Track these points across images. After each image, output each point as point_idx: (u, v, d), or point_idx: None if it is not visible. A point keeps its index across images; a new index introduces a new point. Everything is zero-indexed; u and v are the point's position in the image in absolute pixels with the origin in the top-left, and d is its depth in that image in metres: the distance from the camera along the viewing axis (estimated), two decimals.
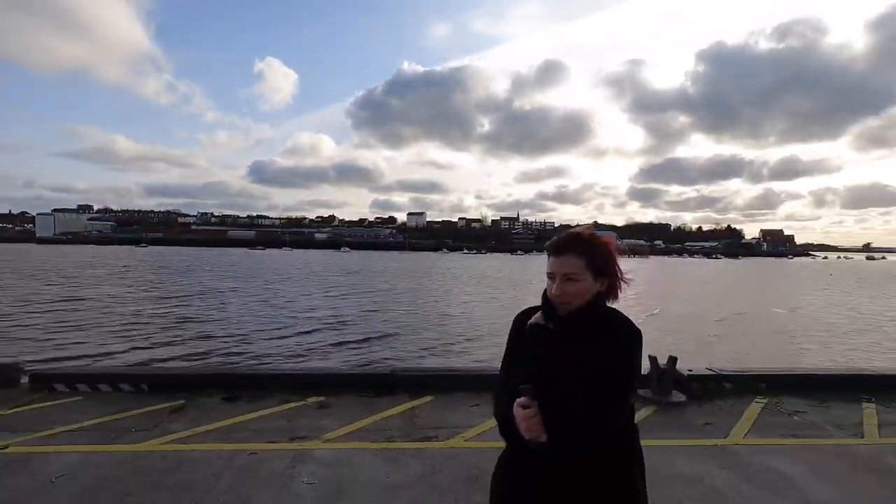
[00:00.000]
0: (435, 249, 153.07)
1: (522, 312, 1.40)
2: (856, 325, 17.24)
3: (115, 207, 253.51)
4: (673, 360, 4.97)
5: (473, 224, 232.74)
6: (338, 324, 14.96)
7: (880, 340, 14.15)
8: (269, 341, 12.03)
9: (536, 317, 1.33)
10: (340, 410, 4.47)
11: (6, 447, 3.56)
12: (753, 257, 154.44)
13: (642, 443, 1.34)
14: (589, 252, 1.29)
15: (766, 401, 4.92)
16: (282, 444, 3.71)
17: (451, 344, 12.22)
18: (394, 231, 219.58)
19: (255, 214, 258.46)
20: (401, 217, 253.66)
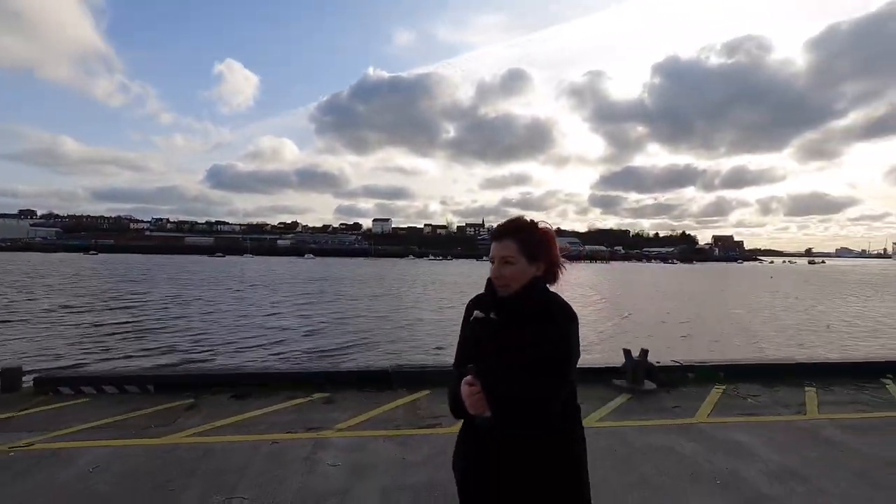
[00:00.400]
0: (401, 256, 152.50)
1: (473, 299, 1.49)
2: (800, 321, 18.70)
3: (60, 213, 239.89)
4: (644, 352, 5.54)
5: (439, 230, 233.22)
6: (317, 331, 15.06)
7: (820, 334, 15.56)
8: (254, 350, 12.06)
9: (479, 303, 1.45)
10: (346, 404, 4.79)
11: (31, 444, 3.71)
12: (707, 262, 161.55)
13: (623, 424, 1.76)
14: (524, 237, 1.40)
15: (724, 387, 5.56)
16: (299, 434, 4.01)
17: (443, 347, 12.55)
18: (359, 238, 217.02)
19: (213, 220, 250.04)
20: (366, 223, 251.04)
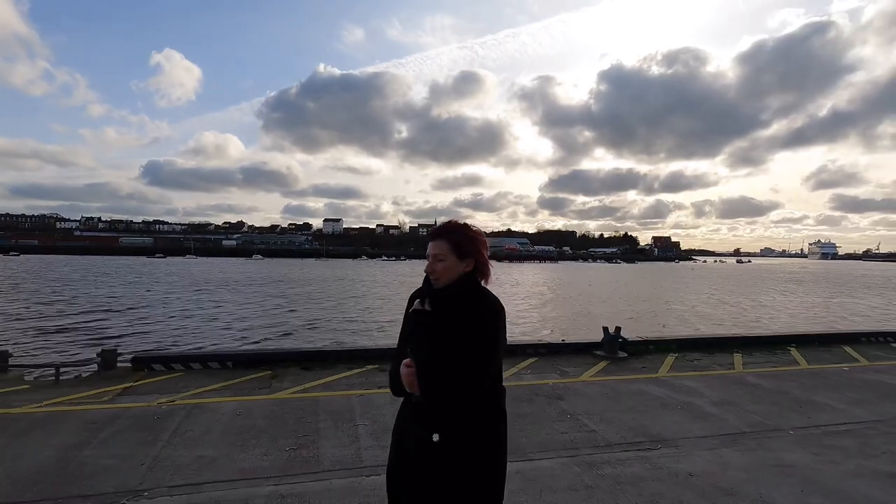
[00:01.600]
0: (353, 256, 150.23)
1: (414, 292, 1.65)
2: (725, 309, 21.50)
3: None
4: (618, 329, 7.17)
5: (392, 231, 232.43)
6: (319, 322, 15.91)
7: (738, 316, 18.19)
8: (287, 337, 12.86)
9: (418, 297, 1.61)
10: None
11: (173, 401, 4.76)
12: (647, 262, 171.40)
13: (608, 378, 3.03)
14: (454, 237, 1.57)
15: (676, 355, 7.29)
16: (375, 390, 5.25)
17: None
18: (309, 238, 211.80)
19: (151, 220, 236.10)
20: (316, 223, 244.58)
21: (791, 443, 4.04)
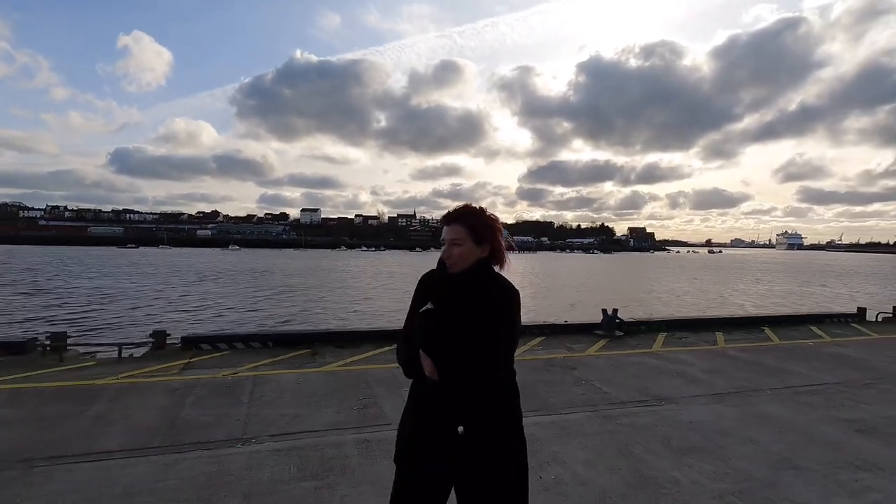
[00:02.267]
0: (332, 247, 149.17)
1: (425, 274, 1.64)
2: (704, 295, 22.83)
3: None
4: (615, 311, 7.99)
5: (371, 221, 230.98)
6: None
7: (716, 301, 19.47)
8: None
9: (430, 278, 1.62)
10: None
11: (235, 373, 5.34)
12: (623, 252, 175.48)
13: (610, 353, 3.72)
14: (472, 221, 1.57)
15: (666, 334, 8.17)
16: None
17: None
18: (287, 228, 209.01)
19: (121, 208, 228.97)
20: (293, 213, 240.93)
21: (769, 399, 4.89)
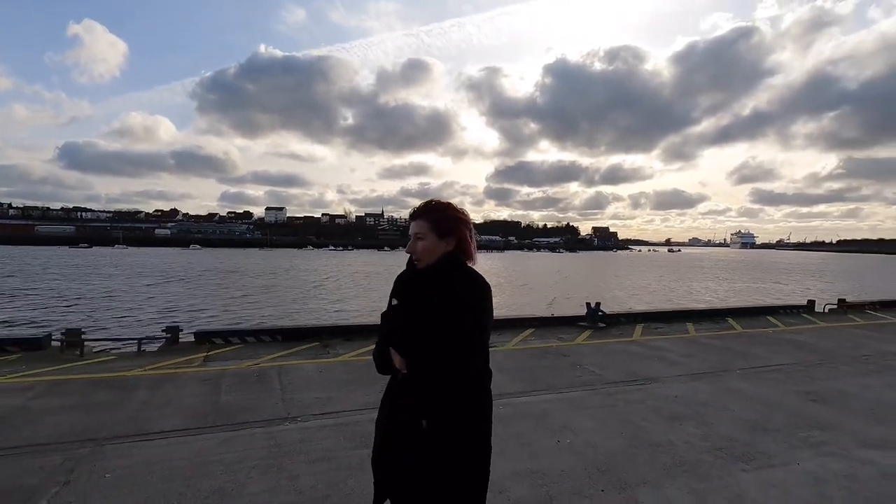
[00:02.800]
0: (299, 246, 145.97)
1: (399, 274, 1.65)
2: (672, 290, 24.14)
3: None
4: (598, 304, 8.67)
5: (338, 220, 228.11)
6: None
7: (684, 295, 20.72)
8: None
9: (402, 276, 1.64)
10: None
11: (258, 363, 5.67)
12: (588, 251, 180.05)
13: (595, 342, 4.38)
14: (434, 216, 1.58)
15: (643, 324, 8.93)
16: None
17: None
18: (251, 227, 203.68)
19: (71, 206, 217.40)
20: (257, 212, 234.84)
21: (738, 377, 5.61)
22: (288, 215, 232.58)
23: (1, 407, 4.20)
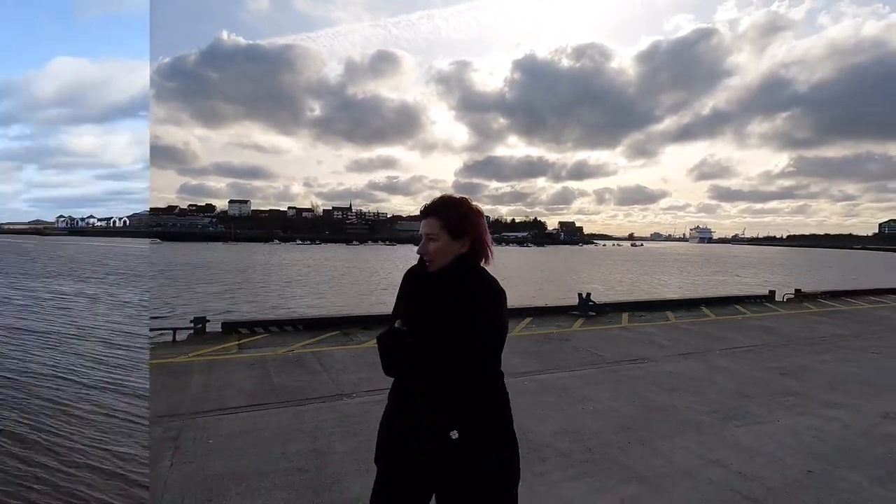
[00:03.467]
0: (265, 240, 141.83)
1: (409, 270, 1.57)
2: (645, 282, 25.50)
3: None
4: (588, 294, 9.46)
5: (305, 214, 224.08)
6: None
7: (657, 286, 22.02)
8: None
9: (413, 274, 1.55)
10: None
11: (292, 350, 6.12)
12: (555, 245, 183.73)
13: (589, 329, 5.01)
14: (447, 214, 1.46)
15: (629, 313, 9.79)
16: None
17: None
18: (214, 220, 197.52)
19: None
20: (220, 205, 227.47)
21: (718, 356, 6.45)
22: (252, 208, 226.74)
23: None
